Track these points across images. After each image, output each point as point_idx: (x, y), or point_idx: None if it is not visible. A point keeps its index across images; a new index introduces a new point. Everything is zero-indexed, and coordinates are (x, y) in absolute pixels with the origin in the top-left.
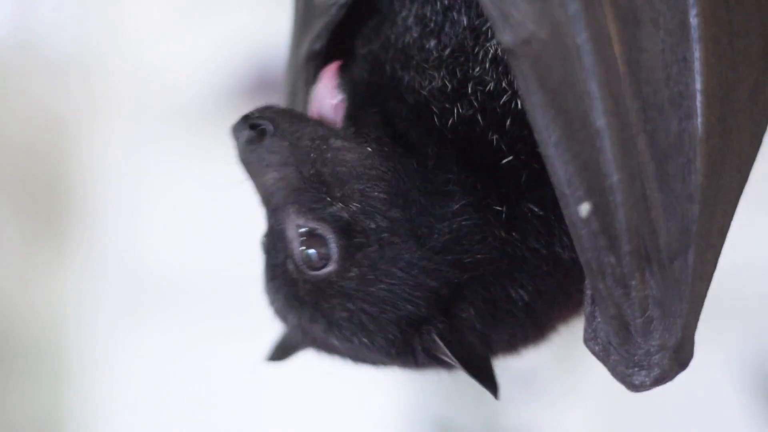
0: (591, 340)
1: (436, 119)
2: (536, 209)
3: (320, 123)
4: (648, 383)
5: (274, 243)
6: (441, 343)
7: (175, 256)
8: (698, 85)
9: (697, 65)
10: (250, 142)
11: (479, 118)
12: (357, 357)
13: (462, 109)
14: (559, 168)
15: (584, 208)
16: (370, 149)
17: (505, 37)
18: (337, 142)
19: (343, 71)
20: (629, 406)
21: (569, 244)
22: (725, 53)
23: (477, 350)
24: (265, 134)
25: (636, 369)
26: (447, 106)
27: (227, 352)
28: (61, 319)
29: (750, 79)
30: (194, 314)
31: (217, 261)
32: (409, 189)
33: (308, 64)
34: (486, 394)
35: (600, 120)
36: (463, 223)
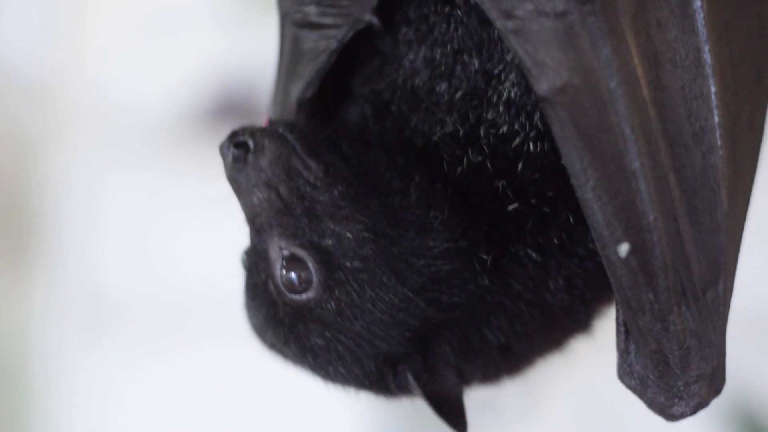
0: (627, 375)
1: (445, 165)
2: (534, 255)
3: (300, 152)
4: (688, 413)
5: (257, 262)
6: (415, 383)
7: (138, 277)
8: (716, 119)
9: (713, 99)
10: (236, 160)
11: (488, 164)
12: (329, 380)
13: (472, 156)
14: (598, 210)
15: (623, 248)
16: (337, 191)
17: (542, 86)
18: (308, 182)
19: (336, 109)
20: (589, 426)
21: (564, 287)
22: (731, 84)
23: (449, 389)
24: (249, 152)
25: (675, 400)
26: (458, 152)
27: (189, 373)
28: (24, 338)
29: (747, 107)
30: (157, 335)
31: (180, 282)
32: (387, 228)
33: (300, 111)
34: None
35: (635, 162)
36: (443, 266)
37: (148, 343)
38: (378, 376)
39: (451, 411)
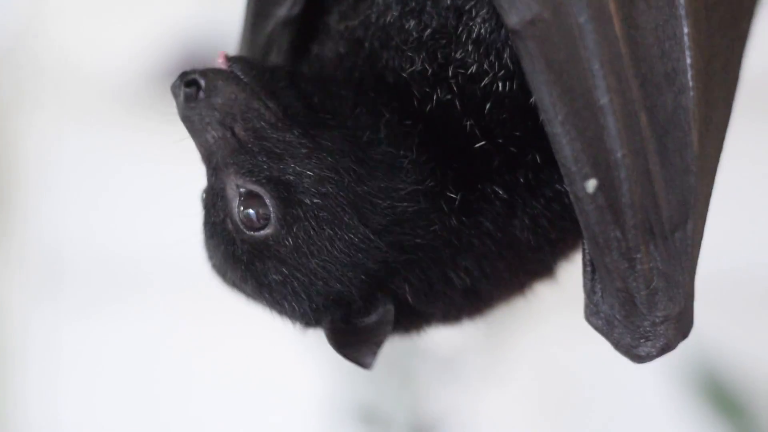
0: (593, 315)
1: (415, 102)
2: (501, 192)
3: (257, 92)
4: (654, 353)
5: (214, 201)
6: (328, 337)
7: (95, 238)
8: (689, 60)
9: (686, 40)
10: (188, 98)
11: (457, 103)
12: (285, 316)
13: (441, 94)
14: (566, 145)
15: (591, 184)
16: (296, 131)
17: (511, 18)
18: (265, 121)
19: (312, 44)
20: (550, 388)
21: (530, 226)
22: (704, 27)
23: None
24: (200, 90)
25: (642, 340)
26: (427, 90)
27: (146, 330)
28: None
29: (722, 50)
30: (113, 292)
31: (134, 244)
32: (350, 167)
33: (284, 29)
34: (409, 379)
35: (604, 97)
36: (409, 208)
37: (102, 302)
38: (319, 316)
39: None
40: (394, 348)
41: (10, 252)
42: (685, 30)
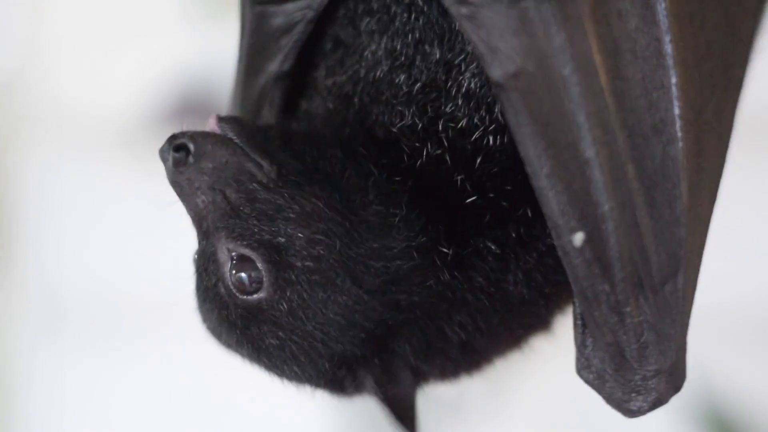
0: (584, 369)
1: (405, 158)
2: (493, 247)
3: (248, 154)
4: (645, 408)
5: (206, 265)
6: (374, 387)
7: (94, 277)
8: (677, 111)
9: (674, 91)
10: (177, 163)
11: (447, 158)
12: (285, 378)
13: (431, 148)
14: (552, 199)
15: (578, 238)
16: (287, 192)
17: (494, 71)
18: (256, 183)
19: (300, 100)
20: (553, 429)
21: (524, 281)
22: (694, 76)
23: (404, 389)
24: (189, 155)
25: (633, 395)
26: (417, 144)
27: (146, 373)
28: None
29: (714, 100)
30: (113, 335)
31: (136, 282)
32: (343, 228)
33: (276, 85)
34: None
35: (590, 150)
36: (403, 265)
37: (104, 342)
38: (333, 376)
39: (405, 413)
40: None
41: (10, 291)
42: (673, 80)
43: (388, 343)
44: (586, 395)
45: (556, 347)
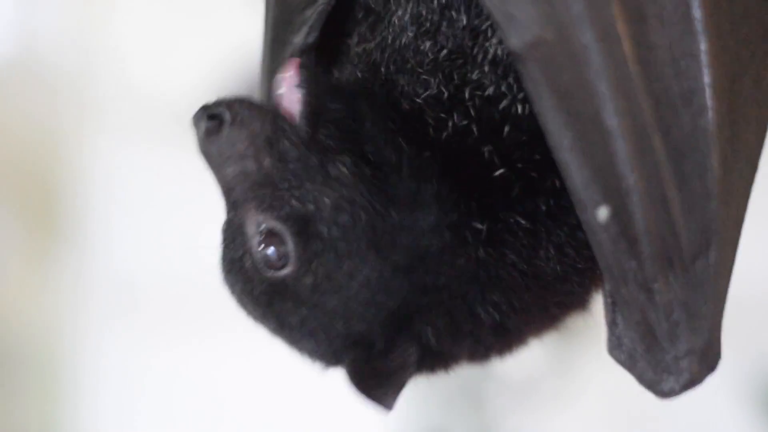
0: (616, 348)
1: (431, 130)
2: (524, 222)
3: (280, 119)
4: (677, 389)
5: (233, 236)
6: (349, 377)
7: (162, 262)
8: (707, 79)
9: (704, 58)
10: (209, 133)
11: (474, 128)
12: (306, 356)
13: (457, 119)
14: (575, 172)
15: (602, 213)
16: (317, 157)
17: (512, 41)
18: (290, 143)
19: (334, 66)
20: (622, 411)
21: (555, 256)
22: (729, 43)
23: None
24: (224, 124)
25: (665, 375)
26: (442, 115)
27: (215, 354)
28: (52, 325)
29: (753, 66)
30: (183, 318)
31: (205, 267)
32: (371, 199)
33: (302, 57)
34: (480, 403)
35: (612, 120)
36: (433, 242)
37: (175, 325)
38: (342, 357)
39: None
40: (465, 372)
41: (79, 277)
42: (703, 47)
43: (410, 325)
44: None
45: None
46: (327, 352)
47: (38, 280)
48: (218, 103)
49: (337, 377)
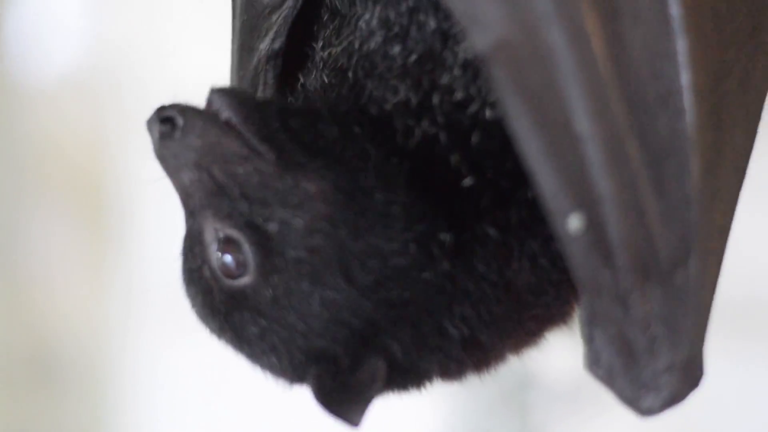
0: (594, 364)
1: (398, 137)
2: (493, 233)
3: (241, 133)
4: (657, 407)
5: (192, 245)
6: (314, 393)
7: None
8: (683, 80)
9: (681, 58)
10: (163, 136)
11: (442, 136)
12: (266, 370)
13: (425, 126)
14: (544, 180)
15: (574, 222)
16: (289, 179)
17: (477, 42)
18: (253, 164)
19: (300, 72)
20: (669, 420)
21: (529, 268)
22: (711, 42)
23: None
24: (176, 128)
25: (643, 391)
26: (410, 123)
27: None
28: (105, 332)
29: (739, 66)
30: None
31: None
32: (348, 215)
33: (268, 64)
34: (525, 410)
35: (583, 124)
36: (400, 259)
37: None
38: (304, 372)
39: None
40: (509, 379)
41: (131, 284)
42: (680, 46)
43: (375, 341)
44: (702, 394)
45: None
46: (288, 368)
47: (92, 288)
48: (171, 107)
49: None
